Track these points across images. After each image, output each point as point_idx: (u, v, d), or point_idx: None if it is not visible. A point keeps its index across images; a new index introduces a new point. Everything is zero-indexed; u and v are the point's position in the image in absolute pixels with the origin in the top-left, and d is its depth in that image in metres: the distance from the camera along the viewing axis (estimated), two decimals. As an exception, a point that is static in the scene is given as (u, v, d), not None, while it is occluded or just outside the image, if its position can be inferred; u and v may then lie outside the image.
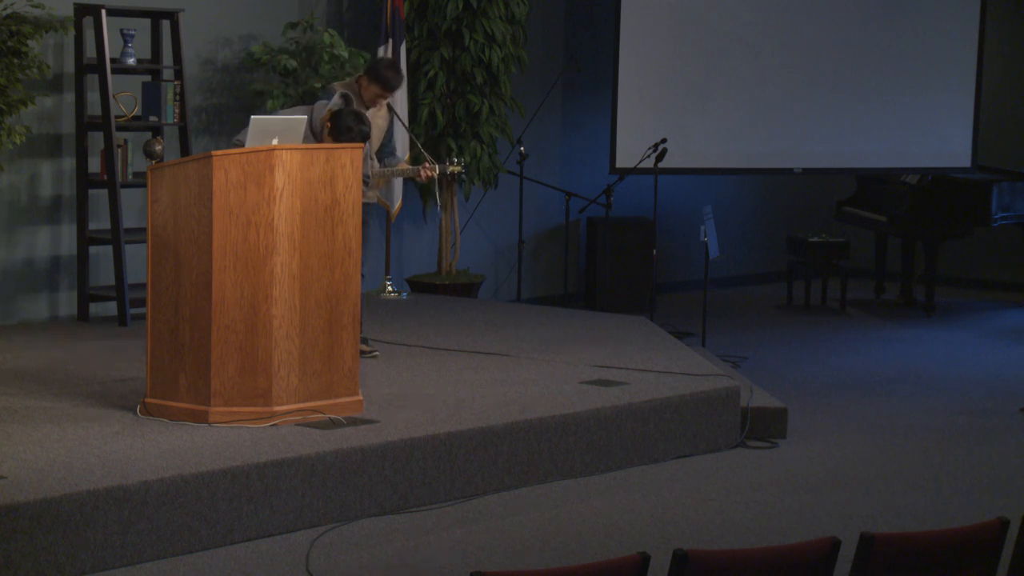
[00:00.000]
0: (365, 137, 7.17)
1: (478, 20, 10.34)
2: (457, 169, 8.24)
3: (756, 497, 6.76)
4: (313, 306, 6.48)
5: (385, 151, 8.13)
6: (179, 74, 9.13)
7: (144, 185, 7.58)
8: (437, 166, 8.10)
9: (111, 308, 9.05)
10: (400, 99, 9.85)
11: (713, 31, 11.34)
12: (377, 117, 8.04)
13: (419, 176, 8.07)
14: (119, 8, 8.90)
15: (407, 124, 9.41)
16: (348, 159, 6.59)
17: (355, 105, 7.82)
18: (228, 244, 6.30)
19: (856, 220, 12.25)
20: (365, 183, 7.44)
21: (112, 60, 8.83)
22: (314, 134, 7.18)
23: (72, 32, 8.66)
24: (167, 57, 9.24)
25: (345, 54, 9.61)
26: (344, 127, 7.11)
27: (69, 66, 9.00)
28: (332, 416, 6.48)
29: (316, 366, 6.52)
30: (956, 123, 11.81)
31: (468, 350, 8.37)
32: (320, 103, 7.43)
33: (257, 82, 9.66)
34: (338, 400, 6.58)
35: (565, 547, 5.91)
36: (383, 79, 7.89)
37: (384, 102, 8.07)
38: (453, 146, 10.29)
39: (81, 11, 8.76)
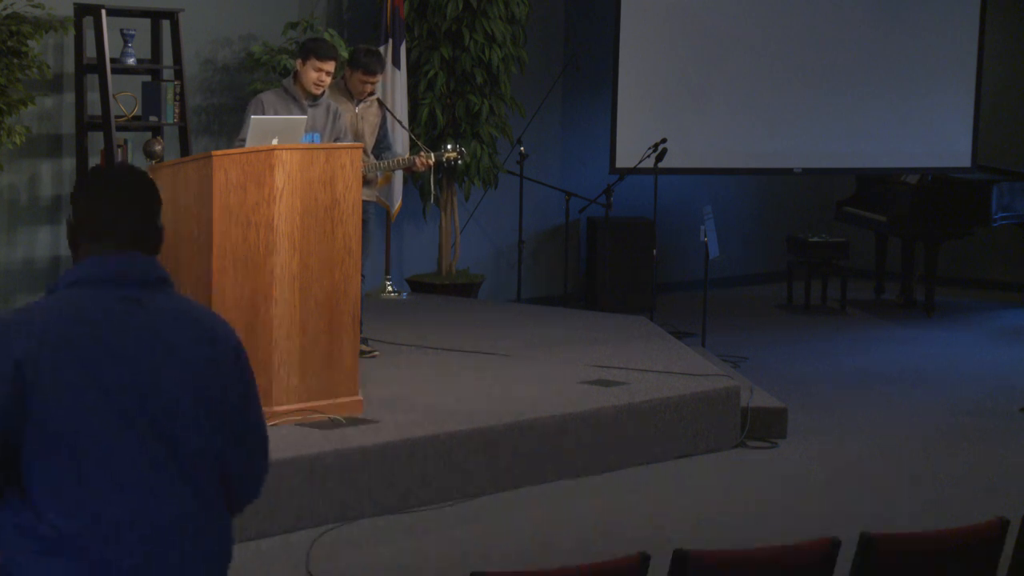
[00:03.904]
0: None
1: (478, 20, 10.33)
2: (453, 155, 8.16)
3: (756, 497, 6.76)
4: (313, 306, 6.48)
5: (381, 146, 8.12)
6: (179, 74, 9.12)
7: (144, 185, 7.56)
8: (432, 154, 8.08)
9: (111, 308, 9.03)
10: (400, 98, 9.86)
11: (713, 31, 11.34)
12: (368, 114, 8.03)
13: (416, 165, 8.02)
14: (119, 8, 8.90)
15: (403, 121, 9.40)
16: (348, 159, 6.59)
17: (341, 99, 7.83)
18: (228, 244, 6.30)
19: (856, 220, 12.25)
20: (364, 181, 7.44)
21: (112, 60, 8.83)
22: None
23: (72, 32, 8.66)
24: (167, 57, 9.24)
25: (345, 54, 9.60)
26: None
27: (69, 66, 8.99)
28: (332, 416, 6.48)
29: (316, 366, 6.52)
30: (956, 123, 11.81)
31: (468, 350, 8.37)
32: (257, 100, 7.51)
33: (257, 82, 9.65)
34: (338, 400, 6.59)
35: (565, 547, 5.91)
36: (363, 64, 7.88)
37: (373, 97, 8.05)
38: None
39: (81, 11, 8.75)
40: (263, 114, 7.24)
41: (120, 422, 2.78)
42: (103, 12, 8.72)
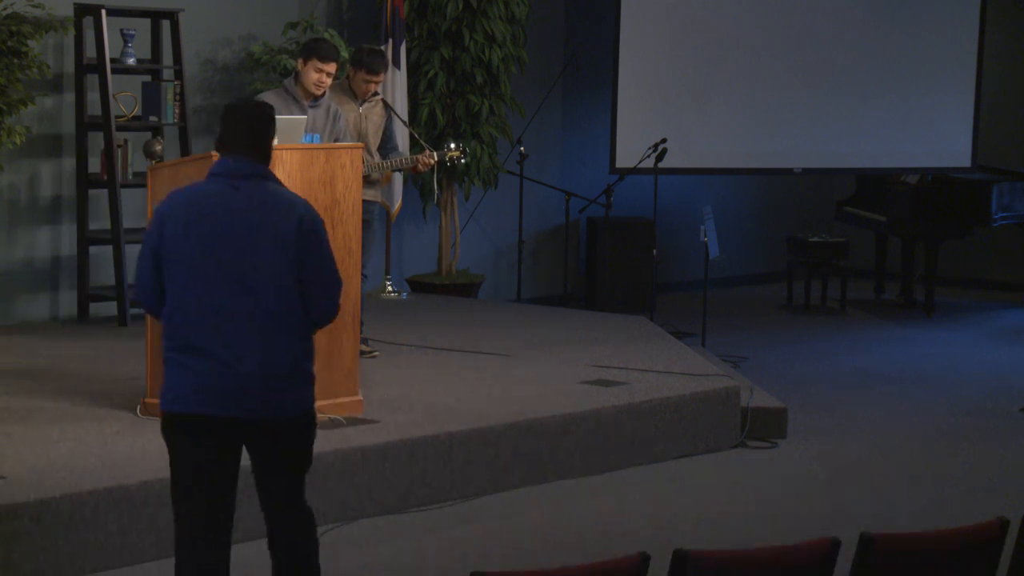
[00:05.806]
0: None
1: (478, 20, 10.33)
2: (456, 154, 8.17)
3: (756, 497, 6.76)
4: (313, 306, 6.47)
5: (388, 146, 8.11)
6: (179, 74, 9.13)
7: (144, 185, 7.58)
8: (435, 153, 8.07)
9: (111, 308, 9.05)
10: (400, 98, 9.85)
11: (713, 31, 11.34)
12: (373, 114, 8.03)
13: (419, 164, 8.02)
14: (119, 8, 8.90)
15: (405, 121, 9.40)
16: (348, 159, 6.59)
17: (345, 99, 7.83)
18: (228, 244, 6.29)
19: (856, 220, 12.25)
20: (365, 179, 7.43)
21: (112, 60, 8.83)
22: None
23: (72, 32, 8.66)
24: (167, 57, 9.24)
25: (345, 54, 9.60)
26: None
27: (69, 66, 8.99)
28: (332, 416, 6.48)
29: (316, 366, 6.50)
30: (956, 123, 11.81)
31: (468, 350, 8.37)
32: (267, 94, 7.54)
33: (257, 82, 9.65)
34: (338, 400, 6.58)
35: (565, 547, 5.92)
36: (366, 63, 7.88)
37: (377, 97, 8.04)
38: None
39: (81, 11, 8.76)
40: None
41: (213, 266, 4.33)
42: (103, 12, 8.73)
